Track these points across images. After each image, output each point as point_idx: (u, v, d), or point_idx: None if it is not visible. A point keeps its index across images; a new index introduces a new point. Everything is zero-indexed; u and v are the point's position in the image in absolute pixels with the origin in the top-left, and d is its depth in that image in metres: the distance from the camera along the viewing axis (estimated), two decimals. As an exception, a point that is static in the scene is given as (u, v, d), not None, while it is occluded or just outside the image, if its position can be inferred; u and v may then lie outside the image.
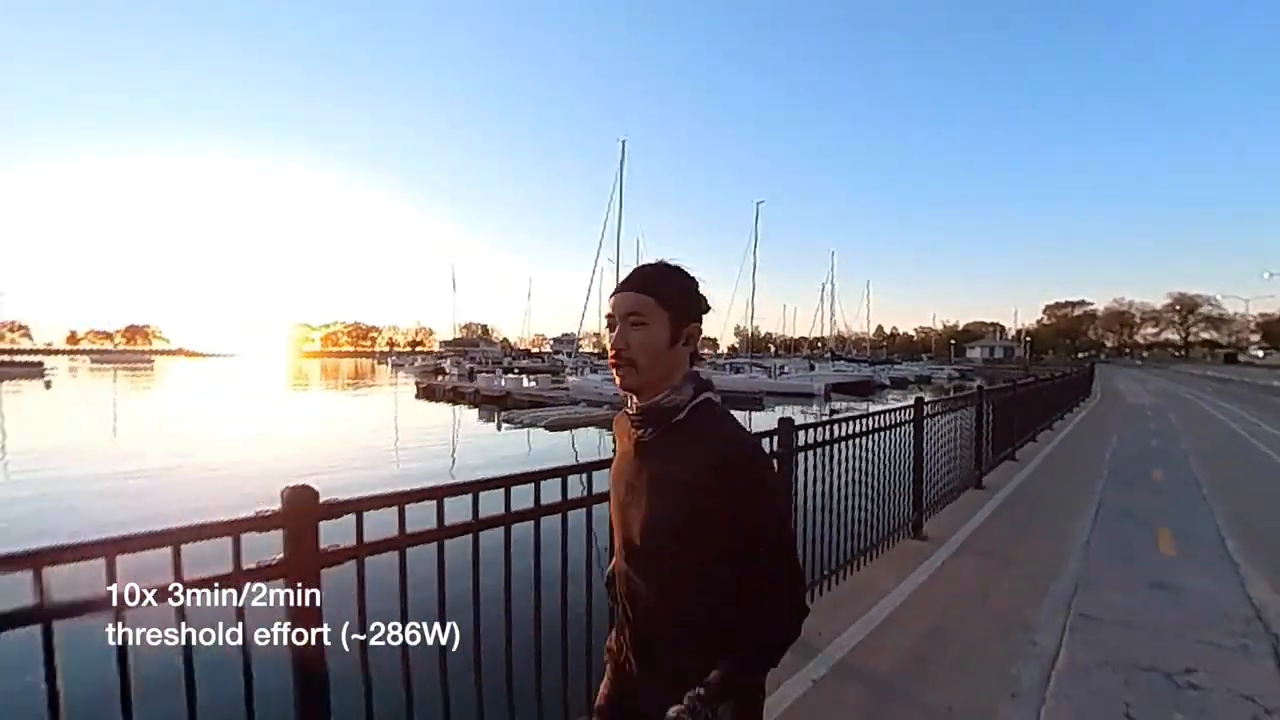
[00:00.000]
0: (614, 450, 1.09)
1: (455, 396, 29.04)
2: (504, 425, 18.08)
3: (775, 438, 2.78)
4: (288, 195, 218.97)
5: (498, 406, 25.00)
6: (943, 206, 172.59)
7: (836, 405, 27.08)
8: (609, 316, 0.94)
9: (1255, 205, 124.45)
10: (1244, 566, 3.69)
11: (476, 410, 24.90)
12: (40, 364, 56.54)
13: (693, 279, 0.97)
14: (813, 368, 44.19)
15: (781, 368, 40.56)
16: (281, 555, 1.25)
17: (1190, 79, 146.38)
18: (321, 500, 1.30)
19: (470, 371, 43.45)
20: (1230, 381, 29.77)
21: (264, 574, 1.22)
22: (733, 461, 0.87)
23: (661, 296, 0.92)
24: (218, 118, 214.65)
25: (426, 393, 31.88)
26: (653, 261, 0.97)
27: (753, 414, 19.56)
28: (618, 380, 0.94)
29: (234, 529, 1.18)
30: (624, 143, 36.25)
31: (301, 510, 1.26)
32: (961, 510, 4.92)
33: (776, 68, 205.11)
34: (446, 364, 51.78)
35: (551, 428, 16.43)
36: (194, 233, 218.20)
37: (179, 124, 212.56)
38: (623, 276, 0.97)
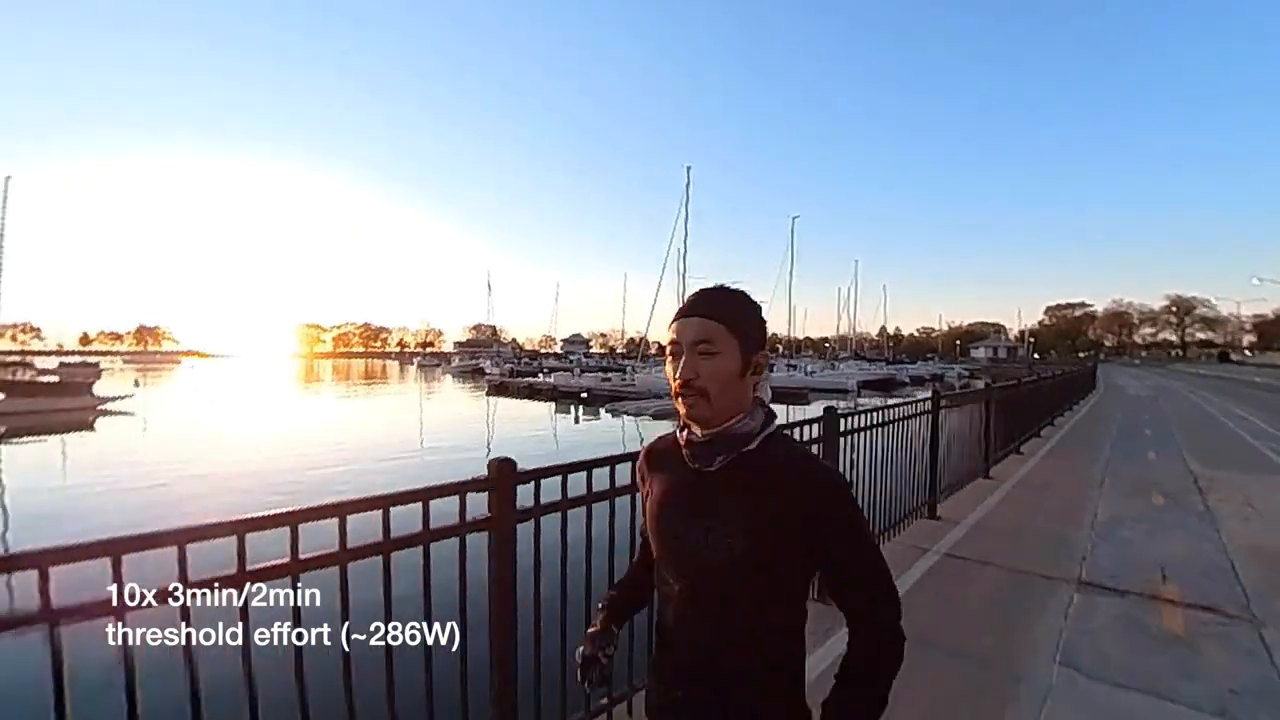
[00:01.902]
0: (649, 486, 1.02)
1: (530, 392, 32.58)
2: (620, 416, 21.59)
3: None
4: (292, 199, 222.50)
5: (574, 400, 28.51)
6: (944, 210, 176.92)
7: (864, 400, 30.79)
8: (672, 344, 0.90)
9: (1251, 209, 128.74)
10: (1190, 461, 7.29)
11: (554, 404, 28.40)
12: (97, 365, 60.20)
13: (758, 305, 0.93)
14: (834, 367, 47.92)
15: (808, 368, 44.28)
16: (486, 513, 1.69)
17: (1186, 87, 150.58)
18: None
19: (511, 371, 47.27)
20: (1219, 378, 33.59)
21: (473, 527, 1.65)
22: (829, 495, 0.86)
23: (731, 323, 0.88)
24: (239, 122, 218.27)
25: (499, 389, 35.26)
26: (713, 286, 0.93)
27: (793, 407, 22.81)
28: (683, 410, 0.90)
29: (460, 489, 1.61)
30: (689, 169, 38.17)
31: (505, 476, 1.70)
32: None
33: (772, 72, 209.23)
34: (487, 365, 55.36)
35: (657, 416, 20.03)
36: (199, 234, 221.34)
37: (189, 126, 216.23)
38: (684, 301, 0.92)
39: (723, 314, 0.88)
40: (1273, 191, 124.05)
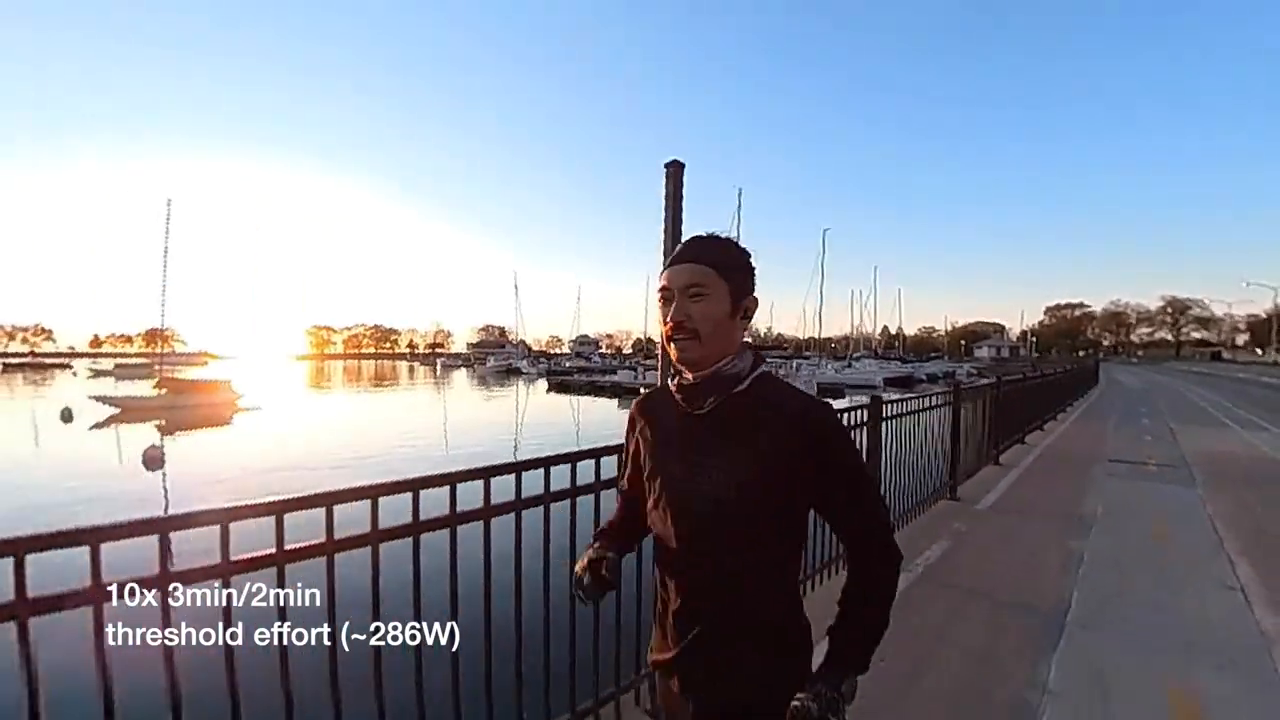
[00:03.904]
0: (639, 435, 1.07)
1: (593, 389, 35.94)
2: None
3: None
4: (297, 201, 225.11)
5: (635, 396, 31.96)
6: (944, 211, 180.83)
7: (886, 396, 34.22)
8: (664, 289, 0.94)
9: (1245, 211, 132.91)
10: (1170, 422, 11.05)
11: (618, 400, 31.84)
12: (150, 366, 63.22)
13: (747, 252, 0.96)
14: (850, 365, 51.63)
15: (830, 366, 48.04)
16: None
17: (1182, 94, 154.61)
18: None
19: (547, 370, 50.86)
20: (1207, 374, 37.49)
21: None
22: (822, 429, 0.90)
23: (721, 267, 0.92)
24: (245, 125, 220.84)
25: (559, 387, 38.40)
26: (704, 234, 0.96)
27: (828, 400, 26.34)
28: (675, 354, 0.93)
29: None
30: (740, 191, 40.77)
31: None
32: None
33: (774, 77, 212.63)
34: (523, 365, 58.95)
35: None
36: (204, 236, 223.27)
37: (195, 129, 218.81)
38: (675, 250, 0.94)
39: (713, 259, 0.92)
40: (1266, 195, 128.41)
